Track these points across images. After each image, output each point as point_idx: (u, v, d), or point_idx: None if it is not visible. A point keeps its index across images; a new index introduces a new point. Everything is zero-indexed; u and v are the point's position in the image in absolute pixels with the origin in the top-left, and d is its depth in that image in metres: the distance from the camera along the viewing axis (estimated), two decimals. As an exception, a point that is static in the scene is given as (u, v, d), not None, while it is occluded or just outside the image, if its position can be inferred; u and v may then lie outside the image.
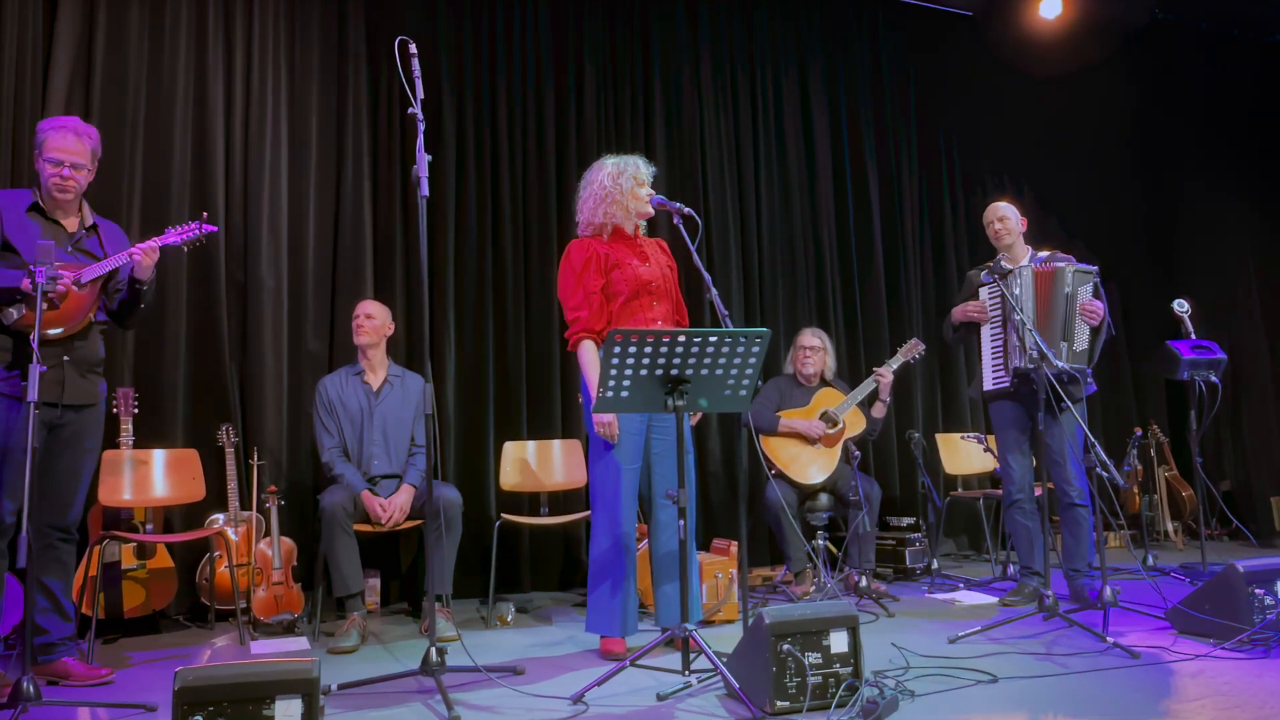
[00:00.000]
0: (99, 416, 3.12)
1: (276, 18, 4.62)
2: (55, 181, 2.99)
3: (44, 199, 3.04)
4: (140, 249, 2.99)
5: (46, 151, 2.99)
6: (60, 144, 2.99)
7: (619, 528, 3.24)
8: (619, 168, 3.38)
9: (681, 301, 3.51)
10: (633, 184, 3.36)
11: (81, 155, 3.02)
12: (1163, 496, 6.07)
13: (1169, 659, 2.96)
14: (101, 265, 2.97)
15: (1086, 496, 3.91)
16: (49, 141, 2.99)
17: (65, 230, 3.06)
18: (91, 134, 3.07)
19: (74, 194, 3.05)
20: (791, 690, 2.46)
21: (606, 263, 3.29)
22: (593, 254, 3.30)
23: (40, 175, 3.02)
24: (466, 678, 2.98)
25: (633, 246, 3.38)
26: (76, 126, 3.03)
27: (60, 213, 3.06)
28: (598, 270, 3.28)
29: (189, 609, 4.13)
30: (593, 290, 3.27)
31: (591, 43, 5.34)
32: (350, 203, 4.67)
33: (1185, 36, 6.87)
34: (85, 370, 3.04)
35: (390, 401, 4.01)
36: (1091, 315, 3.88)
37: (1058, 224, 6.51)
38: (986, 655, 3.08)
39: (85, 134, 3.05)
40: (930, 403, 6.04)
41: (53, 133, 2.99)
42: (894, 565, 4.95)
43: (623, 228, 3.40)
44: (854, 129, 6.09)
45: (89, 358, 3.06)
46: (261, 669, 2.12)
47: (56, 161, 2.98)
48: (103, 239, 3.13)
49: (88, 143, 3.05)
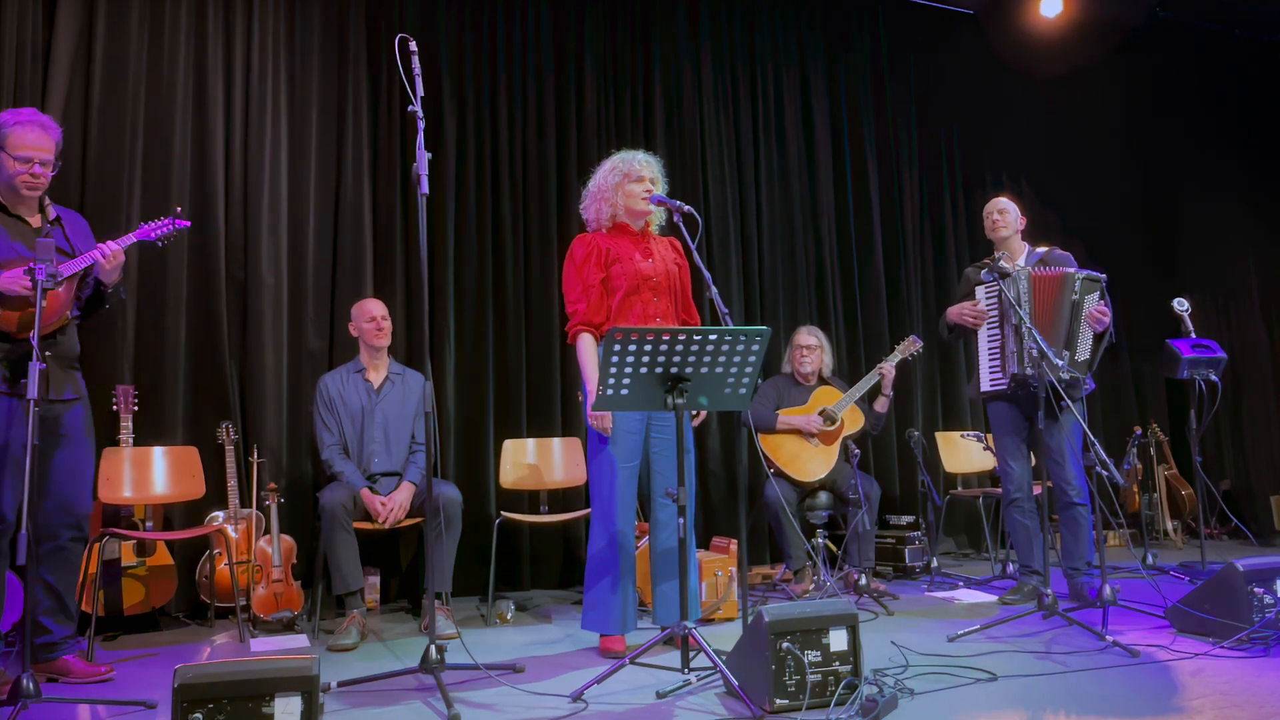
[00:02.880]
0: (86, 410, 3.09)
1: (276, 16, 4.61)
2: (26, 179, 2.92)
3: (5, 194, 2.97)
4: (105, 249, 2.93)
5: (14, 149, 2.90)
6: (28, 140, 2.91)
7: (614, 525, 3.24)
8: (613, 165, 3.39)
9: (690, 301, 3.48)
10: (622, 180, 3.34)
11: (49, 150, 2.96)
12: (1162, 495, 6.07)
13: (1168, 658, 2.96)
14: (78, 262, 2.92)
15: (1086, 495, 3.91)
16: (14, 137, 2.90)
17: (30, 226, 3.00)
18: (56, 127, 3.00)
19: (41, 190, 2.99)
20: (791, 688, 2.46)
21: (607, 257, 3.30)
22: (594, 248, 3.31)
23: (2, 170, 2.93)
24: (466, 675, 2.98)
25: (637, 242, 3.38)
26: (43, 120, 2.96)
27: (24, 209, 3.00)
28: (598, 264, 3.29)
29: (189, 606, 4.13)
30: (591, 284, 3.28)
31: (592, 40, 5.33)
32: (350, 201, 4.67)
33: (1186, 35, 6.86)
34: (65, 365, 3.02)
35: (391, 399, 4.01)
36: (1099, 321, 3.87)
37: (1058, 222, 6.51)
38: (986, 654, 3.08)
39: (51, 128, 2.98)
40: (930, 401, 6.04)
41: (18, 128, 2.91)
42: (893, 564, 4.95)
43: (627, 224, 3.39)
44: (855, 127, 6.09)
45: (68, 353, 3.04)
46: (261, 666, 2.11)
47: (26, 159, 2.91)
48: (67, 231, 3.08)
49: (54, 135, 2.98)
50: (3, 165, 2.93)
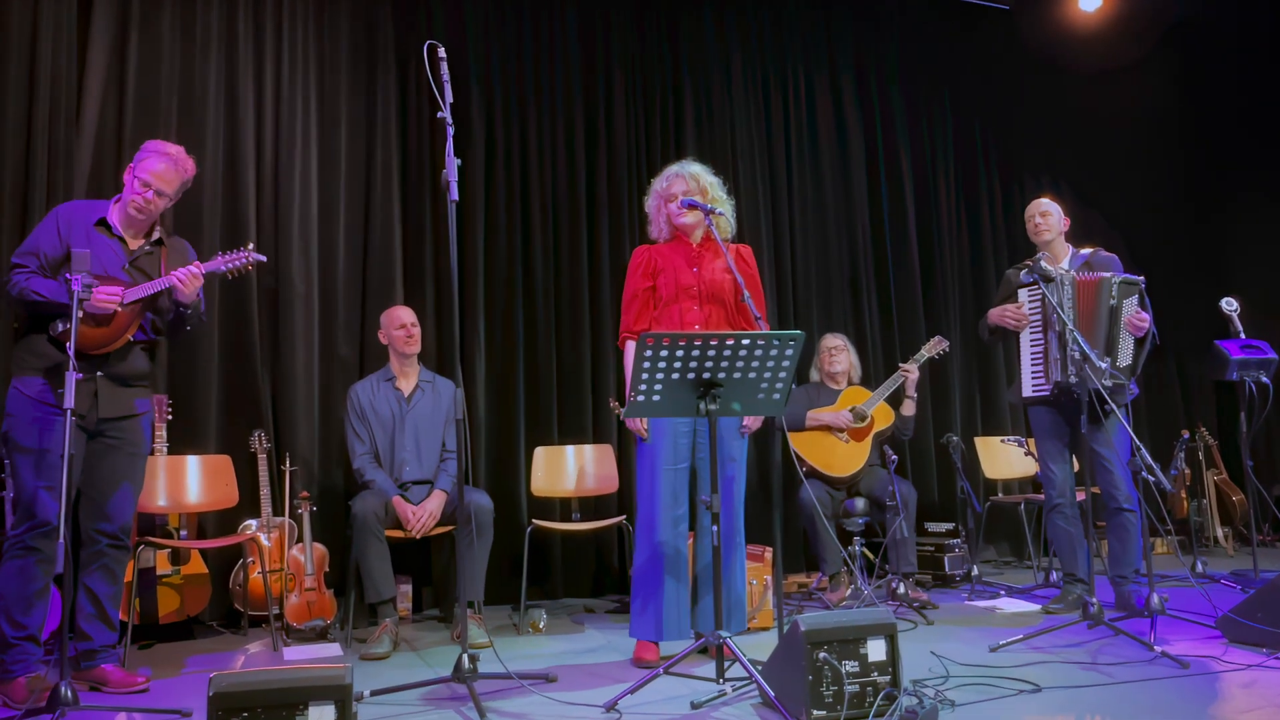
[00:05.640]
0: (139, 427, 3.15)
1: (306, 25, 4.65)
2: (139, 202, 3.05)
3: (119, 213, 3.10)
4: (183, 274, 3.02)
5: (141, 171, 3.05)
6: (157, 168, 3.05)
7: (655, 533, 3.25)
8: (655, 186, 3.48)
9: (746, 309, 3.32)
10: (660, 202, 3.43)
11: (172, 184, 3.10)
12: (1212, 501, 5.92)
13: (1220, 668, 2.87)
14: (146, 287, 3.01)
15: (1135, 501, 3.81)
16: (148, 163, 3.05)
17: (128, 247, 3.10)
18: (189, 168, 3.15)
19: (150, 218, 3.12)
20: (828, 699, 2.41)
21: (654, 267, 3.39)
22: (644, 259, 3.43)
23: (126, 187, 3.08)
24: (499, 685, 2.96)
25: (688, 252, 3.41)
26: (179, 158, 3.10)
27: (130, 231, 3.12)
28: (644, 274, 3.41)
29: (223, 615, 4.15)
30: (636, 293, 3.40)
31: (620, 45, 5.32)
32: (380, 208, 4.69)
33: (1231, 28, 6.70)
34: (122, 383, 3.07)
35: (422, 407, 4.01)
36: (1138, 327, 3.79)
37: (1099, 220, 6.38)
38: (1029, 664, 3.02)
39: (184, 165, 3.12)
40: (969, 405, 5.95)
41: (154, 156, 3.07)
42: (933, 572, 4.87)
43: (683, 235, 3.44)
44: (888, 127, 6.01)
45: (126, 372, 3.08)
46: (295, 675, 2.12)
47: (146, 183, 3.04)
48: (165, 257, 3.17)
49: (184, 174, 3.13)
50: (128, 183, 3.07)
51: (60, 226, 3.03)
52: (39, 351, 2.96)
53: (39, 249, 2.99)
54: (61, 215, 3.06)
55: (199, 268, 3.06)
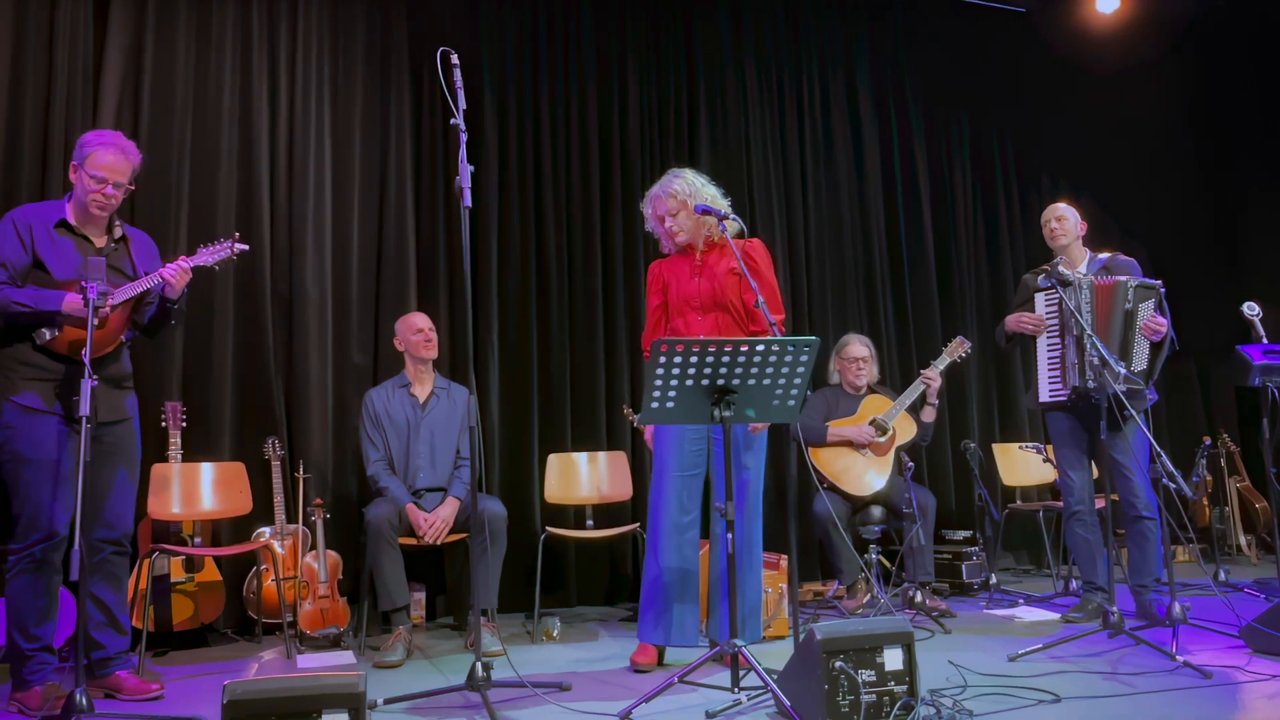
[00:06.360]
0: (131, 430, 3.12)
1: (320, 31, 4.67)
2: (97, 199, 2.96)
3: (76, 212, 3.01)
4: (171, 270, 2.96)
5: (91, 167, 2.95)
6: (106, 161, 2.95)
7: (659, 541, 3.29)
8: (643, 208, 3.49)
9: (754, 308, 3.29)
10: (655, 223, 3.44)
11: (125, 174, 3.00)
12: (1234, 508, 5.84)
13: (1243, 679, 2.83)
14: (133, 287, 2.95)
15: (1155, 509, 3.76)
16: (95, 157, 2.95)
17: (94, 246, 3.03)
18: (136, 153, 3.05)
19: (110, 212, 3.03)
20: (845, 709, 2.38)
21: (662, 282, 3.46)
22: (654, 275, 3.51)
23: (77, 186, 2.98)
24: (512, 693, 2.94)
25: (690, 262, 3.42)
26: (123, 144, 3.00)
27: (91, 228, 3.04)
28: (656, 290, 3.49)
29: (237, 622, 4.16)
30: (652, 307, 3.50)
31: (634, 49, 5.31)
32: (394, 214, 4.70)
33: (1251, 27, 6.63)
34: (114, 385, 3.06)
35: (436, 414, 4.01)
36: (1154, 332, 3.75)
37: (1116, 224, 6.32)
38: (1048, 674, 2.98)
39: (130, 151, 3.02)
40: (986, 411, 5.90)
41: (100, 149, 2.96)
42: (950, 580, 4.82)
43: (687, 246, 3.44)
44: (904, 130, 5.98)
45: (117, 374, 3.07)
46: (309, 683, 2.12)
47: (100, 179, 2.95)
48: (132, 252, 3.11)
49: (133, 160, 3.03)
50: (79, 182, 2.98)
51: (20, 232, 2.93)
52: (29, 361, 2.90)
53: (5, 259, 2.90)
54: (19, 221, 2.95)
55: (187, 262, 3.00)
